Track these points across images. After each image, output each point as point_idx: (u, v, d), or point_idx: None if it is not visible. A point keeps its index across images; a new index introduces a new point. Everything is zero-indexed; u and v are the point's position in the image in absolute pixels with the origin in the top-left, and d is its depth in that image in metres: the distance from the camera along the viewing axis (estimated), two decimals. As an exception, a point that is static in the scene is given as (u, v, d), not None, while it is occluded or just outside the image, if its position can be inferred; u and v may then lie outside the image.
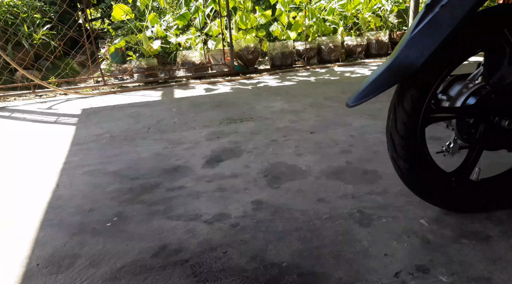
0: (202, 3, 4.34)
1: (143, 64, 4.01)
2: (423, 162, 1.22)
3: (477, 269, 1.11)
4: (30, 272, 1.20)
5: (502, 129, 1.16)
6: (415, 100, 1.13)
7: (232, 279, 1.12)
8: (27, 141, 2.42)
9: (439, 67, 1.11)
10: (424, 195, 1.30)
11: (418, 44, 1.03)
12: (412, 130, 1.17)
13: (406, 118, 1.15)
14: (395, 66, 1.04)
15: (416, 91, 1.13)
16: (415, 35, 1.04)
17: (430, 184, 1.26)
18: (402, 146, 1.19)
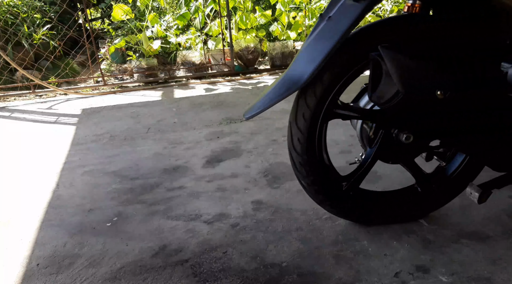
0: (202, 3, 4.34)
1: (143, 64, 4.01)
2: (318, 162, 1.19)
3: (477, 269, 1.11)
4: (30, 272, 1.20)
5: (399, 142, 1.10)
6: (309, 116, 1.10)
7: (232, 279, 1.12)
8: (27, 141, 2.42)
9: (332, 79, 1.06)
10: (313, 196, 1.25)
11: (306, 56, 1.01)
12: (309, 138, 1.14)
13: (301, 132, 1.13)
14: (288, 78, 1.03)
15: (309, 103, 1.09)
16: (306, 47, 1.03)
17: (322, 185, 1.22)
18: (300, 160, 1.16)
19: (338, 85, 1.07)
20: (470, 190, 1.13)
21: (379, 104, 1.01)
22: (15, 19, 4.14)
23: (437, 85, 0.93)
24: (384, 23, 1.04)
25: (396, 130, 1.10)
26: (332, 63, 1.03)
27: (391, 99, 0.96)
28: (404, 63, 0.91)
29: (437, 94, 0.94)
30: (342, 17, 0.97)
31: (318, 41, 1.01)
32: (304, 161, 1.16)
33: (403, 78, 0.91)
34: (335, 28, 0.97)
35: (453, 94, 0.95)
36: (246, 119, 1.05)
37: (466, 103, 1.02)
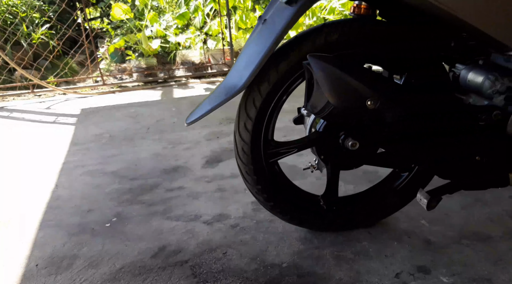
0: (201, 2, 4.33)
1: (143, 64, 4.00)
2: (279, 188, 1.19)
3: (478, 270, 1.11)
4: (29, 272, 1.19)
5: (346, 149, 1.08)
6: (251, 126, 1.07)
7: (232, 280, 1.12)
8: (26, 141, 2.41)
9: (272, 85, 1.03)
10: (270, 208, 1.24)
11: (244, 61, 0.99)
12: (256, 161, 1.12)
13: (245, 143, 1.10)
14: (226, 83, 1.01)
15: (252, 112, 1.06)
16: (243, 51, 1.02)
17: (296, 208, 1.23)
18: (252, 178, 1.14)
19: (278, 95, 1.05)
20: (419, 196, 1.11)
21: (314, 114, 0.99)
22: (14, 18, 4.13)
23: (367, 95, 0.91)
24: (316, 30, 1.02)
25: (343, 136, 1.08)
26: (269, 72, 1.01)
27: (324, 108, 0.93)
28: (332, 73, 0.89)
29: (367, 105, 0.92)
30: (276, 20, 0.96)
31: (254, 45, 1.00)
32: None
33: (332, 89, 0.89)
34: (269, 32, 0.96)
35: (386, 105, 0.93)
36: (187, 125, 1.03)
37: (404, 110, 0.98)
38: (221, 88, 1.02)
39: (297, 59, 1.00)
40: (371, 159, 1.14)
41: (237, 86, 0.96)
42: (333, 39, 0.99)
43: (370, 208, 1.30)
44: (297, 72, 1.02)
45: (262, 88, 1.03)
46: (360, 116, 0.97)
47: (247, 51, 1.01)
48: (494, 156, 1.07)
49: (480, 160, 1.05)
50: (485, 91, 1.04)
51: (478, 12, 0.88)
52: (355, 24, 1.01)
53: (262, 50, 0.95)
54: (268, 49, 0.94)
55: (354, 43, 1.00)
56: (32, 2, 4.45)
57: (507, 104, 1.04)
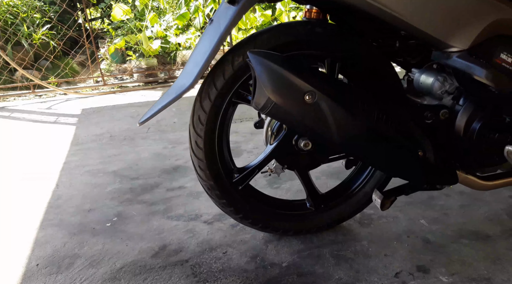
0: (202, 2, 4.34)
1: (143, 64, 4.01)
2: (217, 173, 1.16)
3: (477, 269, 1.11)
4: (30, 272, 1.19)
5: (301, 150, 1.10)
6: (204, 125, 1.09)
7: (232, 279, 1.12)
8: (26, 141, 2.42)
9: (220, 87, 1.05)
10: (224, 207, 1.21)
11: (193, 60, 1.02)
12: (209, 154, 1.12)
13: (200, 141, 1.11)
14: (177, 83, 1.03)
15: (204, 114, 1.08)
16: (193, 51, 1.04)
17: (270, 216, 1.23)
18: (201, 167, 1.13)
19: (235, 88, 1.07)
20: (374, 197, 1.12)
21: (259, 111, 1.00)
22: (15, 19, 4.14)
23: (304, 89, 0.92)
24: (271, 30, 1.04)
25: (295, 138, 1.10)
26: (223, 65, 1.04)
27: (266, 105, 0.94)
28: (270, 68, 0.90)
29: (305, 99, 0.92)
30: (221, 19, 0.98)
31: (201, 45, 1.02)
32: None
33: (270, 84, 0.90)
34: (214, 31, 0.98)
35: (324, 100, 0.93)
36: (140, 124, 1.05)
37: (343, 105, 0.98)
38: (172, 88, 1.04)
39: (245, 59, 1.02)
40: (328, 154, 1.17)
41: (185, 86, 0.98)
42: (286, 40, 1.02)
43: (355, 198, 1.29)
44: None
45: (218, 84, 1.05)
46: (301, 112, 0.96)
47: (196, 51, 1.03)
48: (440, 153, 1.08)
49: (423, 155, 1.06)
50: (435, 92, 1.07)
51: (413, 10, 0.91)
52: (307, 26, 1.04)
53: (208, 49, 0.97)
54: (214, 48, 0.96)
55: (305, 45, 1.03)
56: (33, 3, 4.46)
57: (454, 103, 1.07)
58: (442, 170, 1.09)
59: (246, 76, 1.05)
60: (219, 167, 1.15)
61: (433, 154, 1.06)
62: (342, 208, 1.28)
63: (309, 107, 0.94)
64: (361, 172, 1.30)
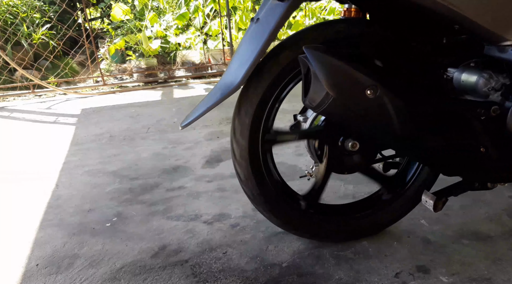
0: (201, 2, 4.33)
1: (143, 64, 4.01)
2: (270, 186, 1.14)
3: (477, 270, 1.11)
4: (30, 272, 1.19)
5: (347, 151, 1.08)
6: (248, 124, 1.07)
7: (232, 279, 1.12)
8: (26, 141, 2.41)
9: (266, 86, 1.04)
10: (274, 220, 1.20)
11: (238, 60, 0.99)
12: (253, 154, 1.09)
13: (243, 145, 1.09)
14: (221, 83, 1.01)
15: (247, 114, 1.07)
16: (237, 50, 1.02)
17: (277, 208, 1.17)
18: (244, 173, 1.11)
19: (274, 95, 1.05)
20: (425, 198, 1.09)
21: (313, 109, 0.98)
22: (15, 18, 4.13)
23: (365, 83, 0.90)
24: (317, 26, 1.03)
25: (341, 139, 1.07)
26: (265, 71, 1.02)
27: (323, 102, 0.92)
28: (328, 62, 0.89)
29: (367, 94, 0.91)
30: (268, 17, 0.96)
31: (247, 44, 0.99)
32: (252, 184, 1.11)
33: (330, 79, 0.89)
34: (262, 29, 0.96)
35: (386, 94, 0.92)
36: (182, 128, 1.02)
37: (404, 100, 0.97)
38: (216, 88, 1.02)
39: (295, 55, 1.00)
40: (367, 164, 1.14)
41: (233, 85, 0.96)
42: (329, 37, 1.01)
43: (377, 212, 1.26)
44: (295, 69, 1.03)
45: (261, 85, 1.03)
46: (361, 107, 0.94)
47: (241, 51, 1.01)
48: (497, 150, 1.05)
49: (485, 152, 1.02)
50: (480, 90, 1.03)
51: (472, 3, 0.89)
52: (349, 24, 1.02)
53: (256, 48, 0.95)
54: (263, 46, 0.94)
55: (348, 43, 1.01)
56: (33, 3, 4.46)
57: (504, 99, 1.04)
58: (504, 166, 1.06)
59: (292, 74, 1.04)
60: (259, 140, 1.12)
61: (495, 150, 1.03)
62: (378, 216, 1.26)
63: (370, 102, 0.91)
64: (402, 174, 1.26)
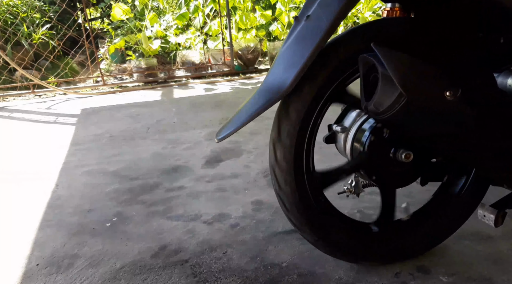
0: (201, 2, 4.33)
1: (143, 64, 4.01)
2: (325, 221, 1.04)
3: (477, 270, 1.11)
4: (30, 272, 1.19)
5: (400, 162, 0.98)
6: (293, 134, 0.94)
7: (232, 279, 1.12)
8: (26, 141, 2.41)
9: (315, 90, 0.93)
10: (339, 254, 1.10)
11: (286, 61, 0.88)
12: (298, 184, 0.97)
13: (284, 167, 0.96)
14: (266, 87, 0.89)
15: (293, 121, 0.94)
16: (284, 51, 0.90)
17: (343, 240, 1.07)
18: (290, 203, 0.99)
19: (322, 100, 0.95)
20: (482, 212, 0.97)
21: (378, 114, 0.89)
22: (15, 18, 4.13)
23: (446, 84, 0.81)
24: (374, 23, 0.94)
25: (393, 150, 0.98)
26: (315, 73, 0.91)
27: (393, 106, 0.83)
28: (404, 61, 0.80)
29: (446, 96, 0.82)
30: (322, 14, 0.85)
31: (297, 44, 0.88)
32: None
33: (405, 79, 0.79)
34: (315, 28, 0.85)
35: (464, 96, 0.83)
36: (218, 141, 0.91)
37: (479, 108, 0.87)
38: (260, 93, 0.90)
39: (347, 56, 0.92)
40: (426, 169, 1.05)
41: (280, 90, 0.85)
42: (373, 38, 0.89)
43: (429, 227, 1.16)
44: (348, 69, 0.95)
45: (306, 90, 0.93)
46: (439, 110, 0.85)
47: (288, 52, 0.90)
48: None
49: None
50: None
51: None
52: (393, 24, 0.93)
53: (308, 49, 0.84)
54: (316, 47, 0.83)
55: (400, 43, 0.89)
56: (33, 3, 4.46)
57: None
58: None
59: (345, 75, 0.95)
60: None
61: None
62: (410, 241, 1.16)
63: (448, 104, 0.82)
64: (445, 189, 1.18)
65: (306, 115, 0.94)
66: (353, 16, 4.88)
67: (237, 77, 4.07)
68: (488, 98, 0.89)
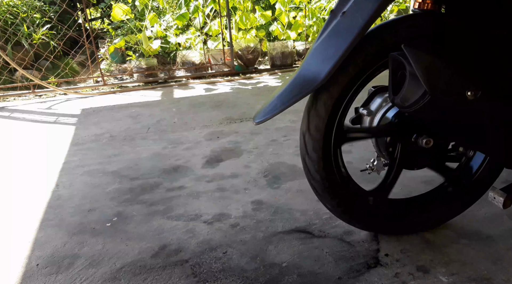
0: (201, 2, 4.34)
1: (143, 64, 4.01)
2: (338, 182, 1.14)
3: (477, 269, 1.11)
4: (30, 272, 1.19)
5: (420, 148, 1.07)
6: (324, 118, 1.04)
7: (232, 279, 1.12)
8: (26, 141, 2.41)
9: (346, 82, 1.00)
10: (342, 216, 1.21)
11: (321, 55, 0.95)
12: (324, 151, 1.07)
13: (316, 140, 1.06)
14: (299, 79, 0.96)
15: (324, 108, 1.03)
16: (319, 45, 0.96)
17: (347, 204, 1.17)
18: (315, 169, 1.09)
19: (351, 91, 1.02)
20: (493, 194, 1.06)
21: (403, 107, 0.95)
22: (15, 19, 4.13)
23: (467, 86, 0.88)
24: (403, 20, 0.98)
25: (414, 136, 1.06)
26: (345, 65, 0.96)
27: (417, 102, 0.90)
28: (430, 63, 0.87)
29: (467, 95, 0.88)
30: (358, 11, 0.90)
31: (333, 38, 0.94)
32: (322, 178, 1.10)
33: (430, 79, 0.86)
34: (351, 24, 0.91)
35: (484, 96, 0.90)
36: (256, 124, 0.98)
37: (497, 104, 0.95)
38: (294, 83, 0.96)
39: (377, 50, 0.98)
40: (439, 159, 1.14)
41: (316, 81, 0.91)
42: (405, 35, 0.96)
43: (442, 205, 1.26)
44: (377, 63, 1.01)
45: (340, 81, 0.99)
46: (459, 109, 0.92)
47: (324, 45, 0.95)
48: None
49: None
50: None
51: None
52: (427, 19, 0.97)
53: (345, 43, 0.90)
54: (352, 41, 0.89)
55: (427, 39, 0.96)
56: (33, 3, 4.46)
57: None
58: None
59: (373, 69, 1.01)
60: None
61: None
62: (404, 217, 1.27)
63: (469, 103, 0.89)
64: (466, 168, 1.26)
65: (335, 106, 1.03)
66: None
67: (237, 78, 4.07)
68: (505, 97, 0.94)
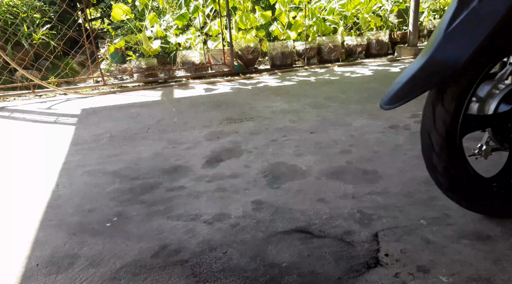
0: (201, 2, 4.34)
1: (143, 64, 4.01)
2: (469, 175, 1.16)
3: (477, 269, 1.11)
4: (30, 272, 1.19)
5: None
6: (452, 113, 1.06)
7: (232, 279, 1.12)
8: (26, 141, 2.41)
9: (479, 67, 1.01)
10: (466, 204, 1.25)
11: (457, 42, 0.94)
12: (454, 147, 1.10)
13: (444, 136, 1.08)
14: (432, 66, 0.95)
15: (453, 102, 1.04)
16: (452, 32, 0.95)
17: (471, 192, 1.21)
18: (444, 165, 1.12)
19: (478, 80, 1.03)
20: None
21: None
22: (15, 19, 4.13)
23: None
24: None
25: None
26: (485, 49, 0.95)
27: None
28: None
29: None
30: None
31: (470, 26, 0.93)
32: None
33: None
34: (490, 11, 0.91)
35: None
36: (385, 110, 0.97)
37: None
38: (425, 67, 0.96)
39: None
40: None
41: (455, 65, 0.92)
42: None
43: None
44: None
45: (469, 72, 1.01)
46: None
47: (461, 31, 0.94)
48: None
49: None
50: None
51: None
52: None
53: (483, 32, 0.90)
54: (492, 29, 0.90)
55: None
56: (33, 3, 4.46)
57: None
58: None
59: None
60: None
61: None
62: None
63: None
64: None
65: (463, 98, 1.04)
66: (353, 16, 4.88)
67: (237, 77, 4.07)
68: None
